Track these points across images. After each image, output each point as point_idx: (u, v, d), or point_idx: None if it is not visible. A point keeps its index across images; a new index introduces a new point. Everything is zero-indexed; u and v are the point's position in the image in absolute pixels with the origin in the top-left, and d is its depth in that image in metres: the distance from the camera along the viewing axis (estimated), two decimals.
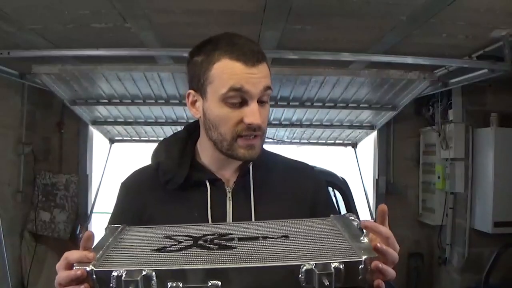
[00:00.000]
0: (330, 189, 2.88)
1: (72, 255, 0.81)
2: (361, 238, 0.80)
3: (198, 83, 1.01)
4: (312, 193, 1.11)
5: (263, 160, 1.09)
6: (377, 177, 3.84)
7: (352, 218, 0.90)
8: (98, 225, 4.49)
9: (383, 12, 1.92)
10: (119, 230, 0.90)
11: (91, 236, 0.83)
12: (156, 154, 1.11)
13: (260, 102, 0.98)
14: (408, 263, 3.76)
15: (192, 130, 1.12)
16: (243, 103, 0.96)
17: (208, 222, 1.00)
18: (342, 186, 3.13)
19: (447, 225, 3.53)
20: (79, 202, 3.65)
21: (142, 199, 1.06)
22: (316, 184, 1.15)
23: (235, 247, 0.78)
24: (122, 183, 1.13)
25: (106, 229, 0.92)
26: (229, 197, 1.04)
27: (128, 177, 1.14)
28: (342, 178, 3.29)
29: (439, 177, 3.49)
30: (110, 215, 1.11)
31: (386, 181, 3.81)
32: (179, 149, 1.08)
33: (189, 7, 1.93)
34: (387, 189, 3.80)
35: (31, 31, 2.18)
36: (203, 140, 1.07)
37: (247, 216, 1.02)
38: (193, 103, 1.04)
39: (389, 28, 2.12)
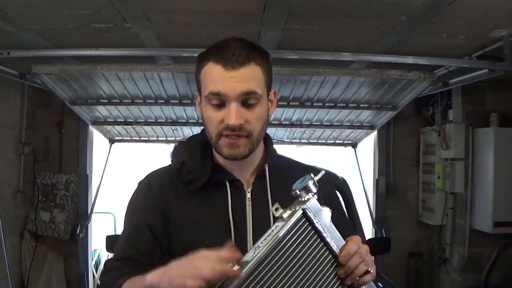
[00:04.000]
0: None
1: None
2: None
3: (197, 85, 1.08)
4: (323, 196, 1.12)
5: (278, 163, 1.15)
6: (377, 177, 3.84)
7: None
8: (98, 225, 4.50)
9: (383, 12, 1.92)
10: None
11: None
12: (178, 155, 1.13)
13: (247, 105, 1.01)
14: (408, 263, 3.76)
15: None
16: (224, 104, 1.01)
17: (229, 222, 1.04)
18: (342, 186, 3.13)
19: (447, 225, 3.53)
20: (79, 202, 3.65)
21: (166, 199, 1.08)
22: (327, 187, 1.18)
23: None
24: (142, 183, 1.14)
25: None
26: (249, 198, 1.09)
27: (147, 177, 1.15)
28: (342, 178, 3.29)
29: (439, 177, 3.49)
30: (128, 213, 1.12)
31: (386, 181, 3.81)
32: (201, 150, 1.12)
33: (189, 7, 1.93)
34: (387, 189, 3.80)
35: (31, 31, 2.19)
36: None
37: (266, 216, 1.05)
38: (199, 104, 1.10)
39: (389, 28, 2.12)
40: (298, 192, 0.91)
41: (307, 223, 0.89)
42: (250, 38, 1.07)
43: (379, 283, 2.87)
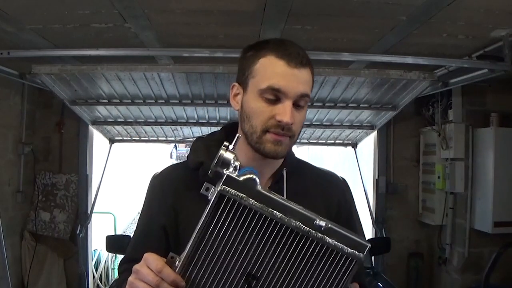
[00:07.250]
0: None
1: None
2: None
3: (242, 76, 1.05)
4: (337, 201, 1.15)
5: (296, 167, 1.13)
6: (377, 177, 3.84)
7: None
8: (98, 225, 4.50)
9: (383, 12, 1.92)
10: None
11: None
12: (196, 154, 1.10)
13: (296, 105, 1.01)
14: (408, 263, 3.76)
15: (229, 132, 1.12)
16: (278, 100, 0.99)
17: None
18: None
19: (447, 225, 3.53)
20: (79, 202, 3.65)
21: (178, 199, 1.07)
22: (342, 194, 1.19)
23: None
24: (155, 179, 1.14)
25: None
26: None
27: (161, 173, 1.15)
28: (342, 178, 3.28)
29: (439, 177, 3.49)
30: (142, 213, 1.14)
31: (386, 181, 3.81)
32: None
33: (189, 7, 1.93)
34: (387, 189, 3.80)
35: (31, 31, 2.19)
36: (240, 142, 1.08)
37: None
38: (235, 96, 1.08)
39: (389, 28, 2.12)
40: (215, 170, 0.87)
41: (231, 201, 0.84)
42: (250, 38, 1.07)
43: (379, 283, 2.87)
